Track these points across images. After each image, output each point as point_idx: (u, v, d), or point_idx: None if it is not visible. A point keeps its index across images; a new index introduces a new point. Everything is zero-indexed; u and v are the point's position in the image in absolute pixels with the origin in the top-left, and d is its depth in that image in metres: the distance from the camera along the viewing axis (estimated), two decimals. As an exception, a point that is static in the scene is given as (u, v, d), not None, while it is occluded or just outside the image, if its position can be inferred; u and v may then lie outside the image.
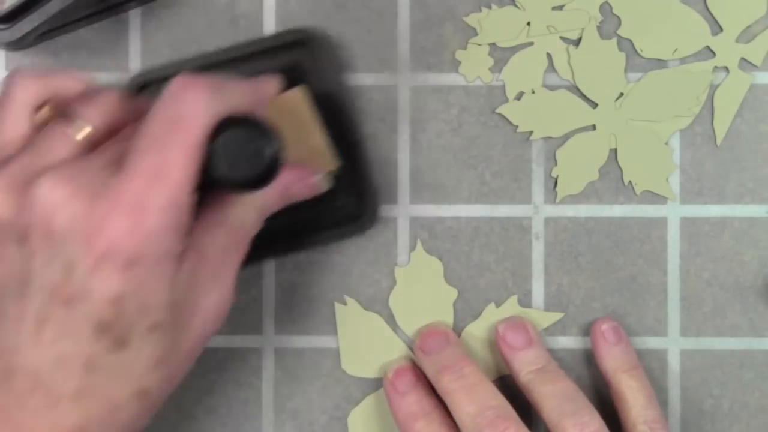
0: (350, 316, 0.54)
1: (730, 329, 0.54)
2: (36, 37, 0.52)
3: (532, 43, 0.54)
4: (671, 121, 0.54)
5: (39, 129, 0.43)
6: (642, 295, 0.54)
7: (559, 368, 0.52)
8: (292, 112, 0.49)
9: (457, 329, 0.54)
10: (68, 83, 0.44)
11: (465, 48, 0.54)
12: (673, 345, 0.54)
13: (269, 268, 0.54)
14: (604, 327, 0.53)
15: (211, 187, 0.42)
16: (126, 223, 0.38)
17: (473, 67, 0.54)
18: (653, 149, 0.54)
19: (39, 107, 0.43)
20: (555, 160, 0.54)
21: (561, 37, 0.54)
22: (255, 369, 0.54)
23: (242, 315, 0.54)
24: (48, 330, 0.39)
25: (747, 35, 0.55)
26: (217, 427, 0.54)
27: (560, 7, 0.54)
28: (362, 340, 0.54)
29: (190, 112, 0.40)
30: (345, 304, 0.54)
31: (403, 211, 0.55)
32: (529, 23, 0.54)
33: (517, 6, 0.54)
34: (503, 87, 0.55)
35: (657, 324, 0.54)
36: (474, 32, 0.54)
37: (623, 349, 0.53)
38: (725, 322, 0.54)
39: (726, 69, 0.54)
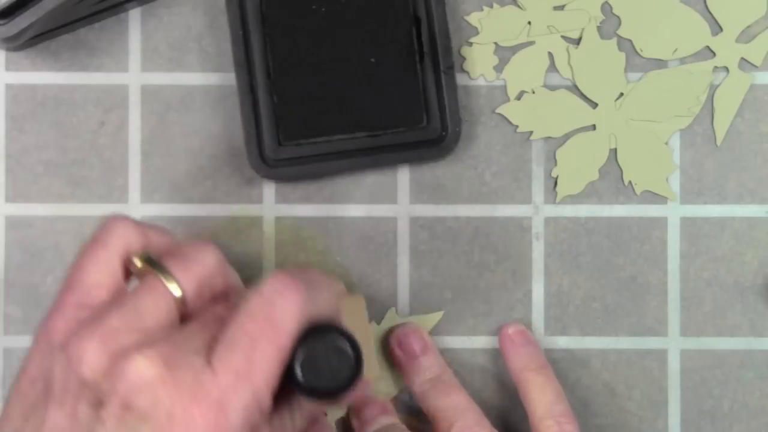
0: None
1: (730, 329, 0.54)
2: (36, 37, 0.52)
3: (533, 43, 0.54)
4: (671, 121, 0.54)
5: (128, 277, 0.42)
6: (642, 295, 0.54)
7: (454, 378, 0.52)
8: (353, 317, 0.49)
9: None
10: (163, 239, 0.43)
11: (464, 47, 0.54)
12: (673, 345, 0.54)
13: (269, 268, 0.54)
14: (511, 330, 0.53)
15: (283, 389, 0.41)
16: (204, 420, 0.38)
17: (477, 64, 0.54)
18: (653, 149, 0.54)
19: (130, 257, 0.42)
20: (555, 160, 0.54)
21: (563, 36, 0.54)
22: (255, 369, 0.54)
23: (242, 315, 0.54)
24: None
25: (747, 35, 0.55)
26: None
27: (561, 7, 0.54)
28: None
29: (283, 314, 0.39)
30: None
31: (403, 211, 0.55)
32: (529, 23, 0.54)
33: (518, 5, 0.54)
34: (503, 87, 0.55)
35: (657, 324, 0.54)
36: (475, 31, 0.54)
37: (531, 351, 0.53)
38: (725, 322, 0.54)
39: (726, 69, 0.54)
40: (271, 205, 0.54)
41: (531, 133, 0.54)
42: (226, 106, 0.54)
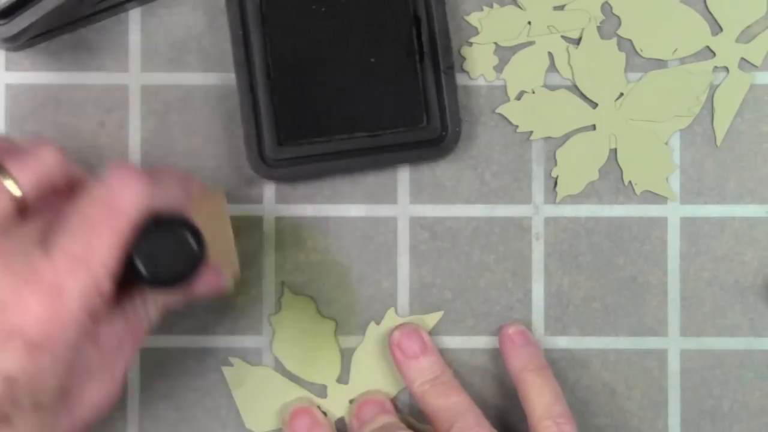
0: (240, 375, 0.54)
1: (730, 329, 0.54)
2: (36, 37, 0.52)
3: (533, 43, 0.54)
4: (671, 121, 0.54)
5: None
6: (642, 295, 0.54)
7: (454, 379, 0.52)
8: (211, 212, 0.49)
9: (350, 351, 0.54)
10: (2, 143, 0.43)
11: (464, 47, 0.54)
12: (673, 345, 0.54)
13: (269, 268, 0.54)
14: (511, 330, 0.53)
15: (123, 279, 0.42)
16: (39, 305, 0.38)
17: (477, 64, 0.54)
18: (653, 149, 0.54)
19: None
20: (555, 160, 0.54)
21: (563, 36, 0.54)
22: (255, 369, 0.55)
23: (242, 315, 0.54)
24: None
25: (747, 35, 0.55)
26: (217, 427, 0.54)
27: (561, 7, 0.54)
28: (259, 396, 0.54)
29: (123, 199, 0.40)
30: (232, 365, 0.54)
31: (403, 211, 0.55)
32: (529, 23, 0.54)
33: (518, 5, 0.54)
34: (503, 87, 0.55)
35: (657, 324, 0.54)
36: (475, 31, 0.54)
37: (531, 351, 0.53)
38: (725, 322, 0.54)
39: (726, 69, 0.54)
40: (271, 205, 0.54)
41: (531, 133, 0.54)
42: (226, 106, 0.54)
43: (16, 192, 0.40)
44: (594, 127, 0.54)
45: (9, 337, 0.38)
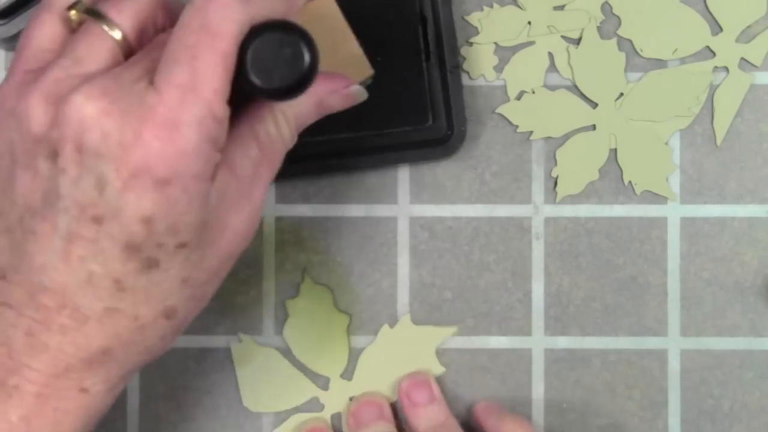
0: (246, 353, 0.54)
1: (730, 329, 0.54)
2: (36, 37, 0.52)
3: (533, 43, 0.54)
4: (671, 121, 0.54)
5: (73, 32, 0.41)
6: (642, 295, 0.54)
7: (458, 426, 0.52)
8: (324, 19, 0.48)
9: (358, 350, 0.54)
10: None
11: (464, 47, 0.54)
12: (673, 345, 0.54)
13: (269, 268, 0.54)
14: (405, 384, 0.53)
15: (245, 97, 0.41)
16: (158, 141, 0.37)
17: (478, 64, 0.54)
18: (653, 149, 0.54)
19: (69, 9, 0.41)
20: (555, 160, 0.54)
21: (563, 36, 0.54)
22: (255, 369, 0.55)
23: (242, 315, 0.54)
24: (77, 248, 0.38)
25: (747, 35, 0.55)
26: (217, 427, 0.54)
27: (561, 7, 0.54)
28: (261, 376, 0.54)
29: (219, 19, 0.38)
30: (240, 342, 0.54)
31: (403, 211, 0.55)
32: (529, 23, 0.54)
33: (518, 5, 0.54)
34: (503, 87, 0.55)
35: (657, 324, 0.54)
36: (476, 31, 0.54)
37: (438, 410, 0.53)
38: (725, 322, 0.54)
39: (726, 69, 0.54)
40: (271, 205, 0.54)
41: (531, 133, 0.54)
42: (226, 106, 0.54)
43: (117, 35, 0.40)
44: (594, 127, 0.54)
45: (136, 177, 0.37)
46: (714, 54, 0.54)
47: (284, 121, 0.42)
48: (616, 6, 0.54)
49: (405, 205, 0.55)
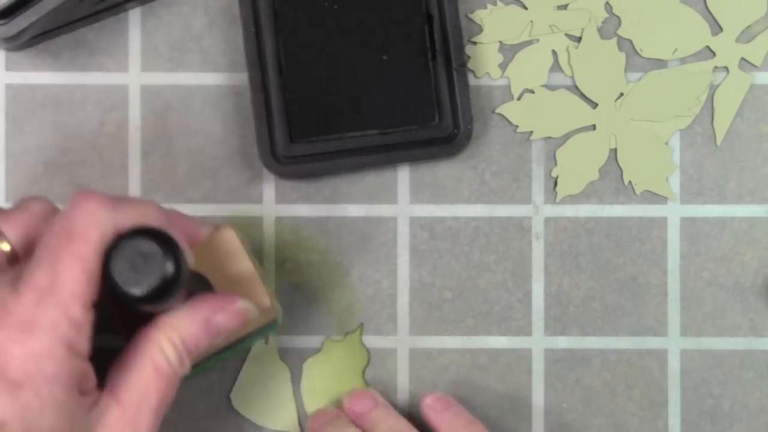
0: (261, 356, 0.54)
1: (730, 329, 0.54)
2: (36, 37, 0.52)
3: (537, 40, 0.54)
4: (671, 121, 0.54)
5: None
6: (642, 295, 0.54)
7: (412, 428, 0.51)
8: (222, 250, 0.47)
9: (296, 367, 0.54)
10: None
11: (468, 45, 0.54)
12: (673, 345, 0.54)
13: (269, 268, 0.54)
14: (429, 400, 0.53)
15: (135, 320, 0.41)
16: (12, 342, 0.37)
17: (482, 62, 0.54)
18: (653, 149, 0.54)
19: None
20: (555, 160, 0.54)
21: (567, 35, 0.54)
22: (255, 369, 0.55)
23: (242, 315, 0.54)
24: None
25: (747, 35, 0.55)
26: (218, 427, 0.54)
27: (564, 6, 0.54)
28: (262, 386, 0.54)
29: (81, 223, 0.39)
30: (265, 343, 0.54)
31: (403, 211, 0.55)
32: (532, 21, 0.54)
33: (521, 4, 0.54)
34: (503, 86, 0.55)
35: (657, 324, 0.54)
36: (479, 29, 0.54)
37: (454, 412, 0.52)
38: (725, 322, 0.54)
39: (726, 69, 0.54)
40: (271, 205, 0.54)
41: (531, 133, 0.54)
42: (226, 106, 0.54)
43: (6, 247, 0.41)
44: (594, 127, 0.54)
45: None
46: (714, 54, 0.55)
47: (171, 345, 0.41)
48: (616, 6, 0.54)
49: (405, 205, 0.55)
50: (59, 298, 0.38)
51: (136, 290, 0.39)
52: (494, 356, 0.54)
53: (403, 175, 0.55)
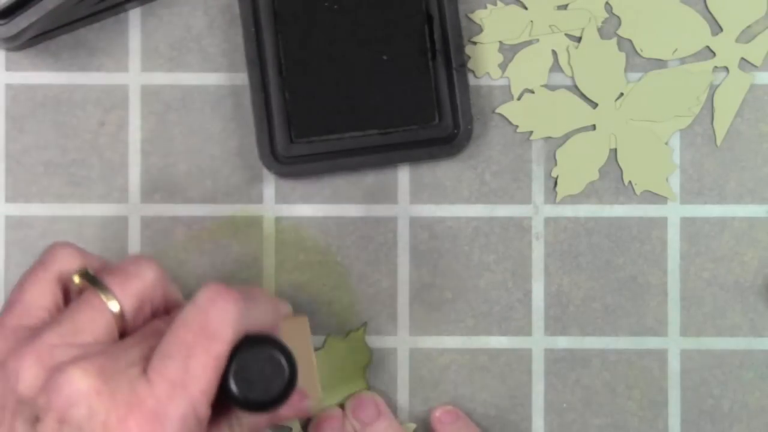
0: None
1: (730, 329, 0.54)
2: (36, 37, 0.52)
3: (537, 40, 0.54)
4: (671, 121, 0.54)
5: (67, 294, 0.42)
6: (642, 295, 0.54)
7: None
8: (294, 337, 0.48)
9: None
10: (103, 262, 0.44)
11: (468, 45, 0.54)
12: (673, 345, 0.54)
13: (269, 268, 0.54)
14: (439, 413, 0.53)
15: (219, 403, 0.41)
16: (141, 430, 0.38)
17: (483, 62, 0.54)
18: (653, 149, 0.54)
19: (69, 276, 0.42)
20: (555, 160, 0.54)
21: (567, 35, 0.54)
22: (255, 369, 0.54)
23: (242, 315, 0.54)
24: None
25: (747, 35, 0.55)
26: (217, 427, 0.54)
27: (564, 6, 0.54)
28: None
29: (218, 322, 0.40)
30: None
31: (403, 211, 0.55)
32: (532, 21, 0.54)
33: (521, 4, 0.54)
34: (503, 86, 0.55)
35: (657, 324, 0.54)
36: (479, 29, 0.54)
37: (461, 425, 0.53)
38: (725, 322, 0.54)
39: (726, 69, 0.55)
40: (271, 205, 0.54)
41: (531, 133, 0.54)
42: (226, 106, 0.54)
43: (116, 309, 0.41)
44: (594, 127, 0.54)
45: None
46: (714, 54, 0.55)
47: (238, 427, 0.43)
48: (616, 6, 0.54)
49: (405, 205, 0.55)
50: (190, 393, 0.39)
51: (255, 396, 0.40)
52: (494, 356, 0.54)
53: (403, 175, 0.55)
